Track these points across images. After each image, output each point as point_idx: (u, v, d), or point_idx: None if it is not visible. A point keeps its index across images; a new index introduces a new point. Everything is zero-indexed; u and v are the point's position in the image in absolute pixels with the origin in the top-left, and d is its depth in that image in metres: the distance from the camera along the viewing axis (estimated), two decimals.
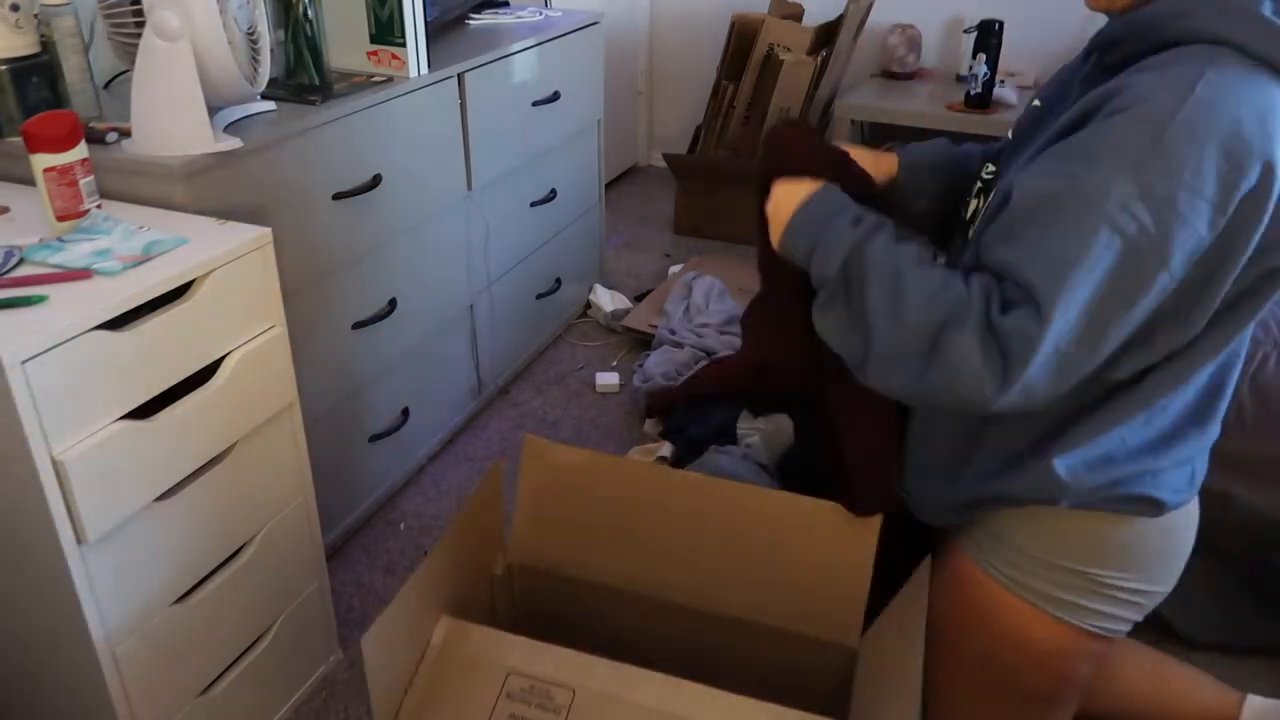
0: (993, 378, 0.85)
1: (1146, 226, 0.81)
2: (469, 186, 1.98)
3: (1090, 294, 0.83)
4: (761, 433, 1.88)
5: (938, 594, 1.15)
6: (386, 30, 1.72)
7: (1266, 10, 0.85)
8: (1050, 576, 1.03)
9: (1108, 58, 0.94)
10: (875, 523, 1.16)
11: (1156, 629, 1.57)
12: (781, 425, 1.88)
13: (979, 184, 1.09)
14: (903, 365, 0.89)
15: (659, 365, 2.28)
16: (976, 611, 1.10)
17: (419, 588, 1.07)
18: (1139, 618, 1.07)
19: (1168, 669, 1.35)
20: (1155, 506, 1.00)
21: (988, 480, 1.04)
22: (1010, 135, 1.09)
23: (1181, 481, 1.02)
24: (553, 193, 2.36)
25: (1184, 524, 1.05)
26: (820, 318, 0.97)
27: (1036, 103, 1.07)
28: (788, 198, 1.02)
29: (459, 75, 1.87)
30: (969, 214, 1.09)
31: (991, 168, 1.09)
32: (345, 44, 1.74)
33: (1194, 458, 1.03)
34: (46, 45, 1.37)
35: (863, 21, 3.15)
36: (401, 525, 1.90)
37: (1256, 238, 0.85)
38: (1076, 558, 1.02)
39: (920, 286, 0.89)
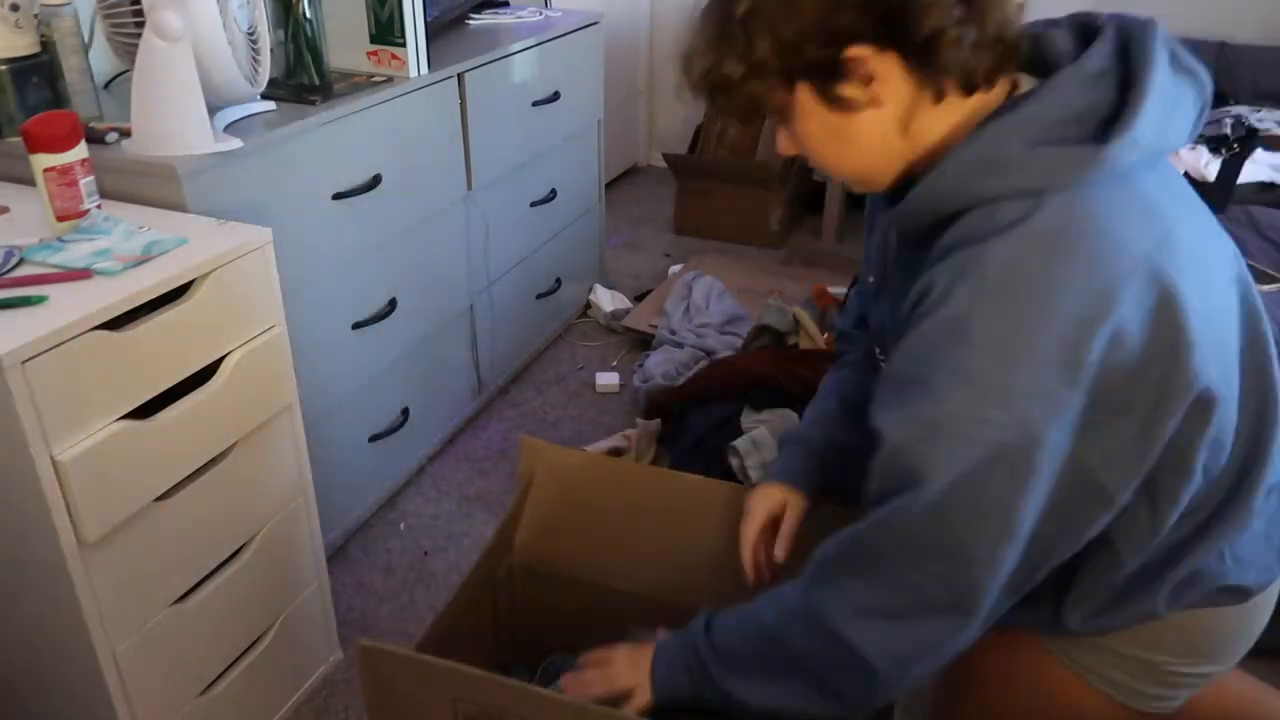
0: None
1: (1006, 426, 0.76)
2: (469, 186, 1.98)
3: (963, 511, 0.78)
4: (768, 424, 1.88)
5: (985, 669, 1.06)
6: (386, 30, 1.72)
7: (1014, 148, 0.78)
8: (1118, 664, 0.96)
9: (907, 237, 0.89)
10: None
11: None
12: (787, 418, 1.88)
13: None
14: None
15: (659, 365, 2.28)
16: (1025, 678, 1.02)
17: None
18: (1196, 692, 1.00)
19: (1266, 693, 1.22)
20: (1240, 594, 0.92)
21: (1078, 621, 0.95)
22: (869, 322, 1.05)
23: (1268, 559, 0.94)
24: (553, 193, 2.36)
25: (1264, 602, 0.96)
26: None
27: (871, 279, 1.01)
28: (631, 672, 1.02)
29: (459, 75, 1.87)
30: None
31: (879, 351, 1.03)
32: (345, 44, 1.74)
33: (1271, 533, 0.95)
34: (46, 45, 1.37)
35: None
36: (401, 525, 1.90)
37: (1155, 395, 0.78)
38: (1150, 650, 0.95)
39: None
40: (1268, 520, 0.94)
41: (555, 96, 2.26)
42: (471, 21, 2.27)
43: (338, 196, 1.59)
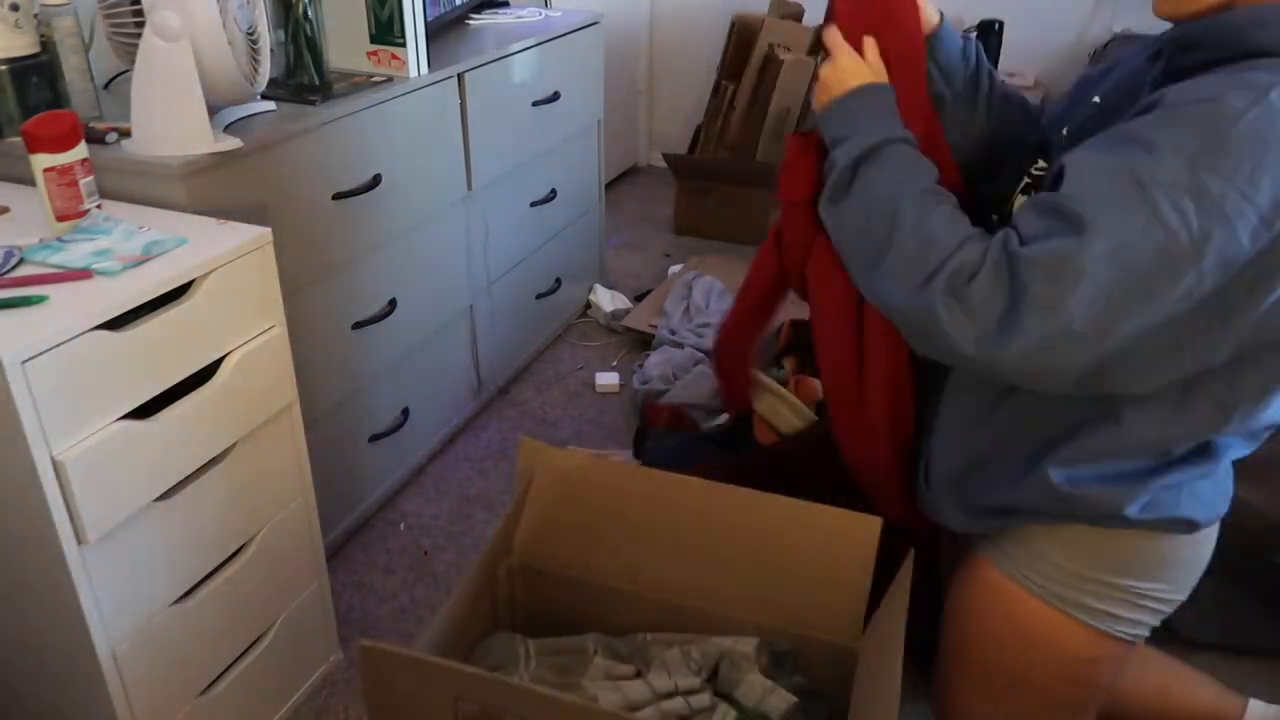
0: (995, 315, 0.83)
1: (1189, 221, 0.79)
2: (469, 186, 1.98)
3: (1114, 274, 0.80)
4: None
5: (962, 609, 1.14)
6: (386, 30, 1.72)
7: None
8: (1085, 587, 1.03)
9: (1179, 61, 0.91)
10: (875, 524, 1.16)
11: (1158, 629, 1.56)
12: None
13: (1026, 180, 1.07)
14: (903, 277, 0.90)
15: (659, 365, 2.28)
16: (1009, 622, 1.09)
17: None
18: (1158, 622, 1.08)
19: (1173, 671, 1.35)
20: (1190, 525, 1.00)
21: (1012, 487, 1.02)
22: (1065, 132, 1.05)
23: (1217, 497, 1.02)
24: (553, 193, 2.36)
25: (1210, 535, 1.05)
26: (829, 209, 1.00)
27: (1096, 99, 1.04)
28: (843, 76, 1.04)
29: (459, 75, 1.87)
30: (1011, 210, 1.06)
31: (1041, 164, 1.06)
32: (345, 44, 1.74)
33: (1230, 472, 1.03)
34: (46, 45, 1.37)
35: None
36: (401, 525, 1.90)
37: None
38: (1112, 571, 1.02)
39: (934, 210, 0.91)
40: (1225, 469, 1.03)
41: (555, 96, 2.26)
42: (471, 21, 2.27)
43: (338, 196, 1.59)
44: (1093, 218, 0.81)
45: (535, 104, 2.19)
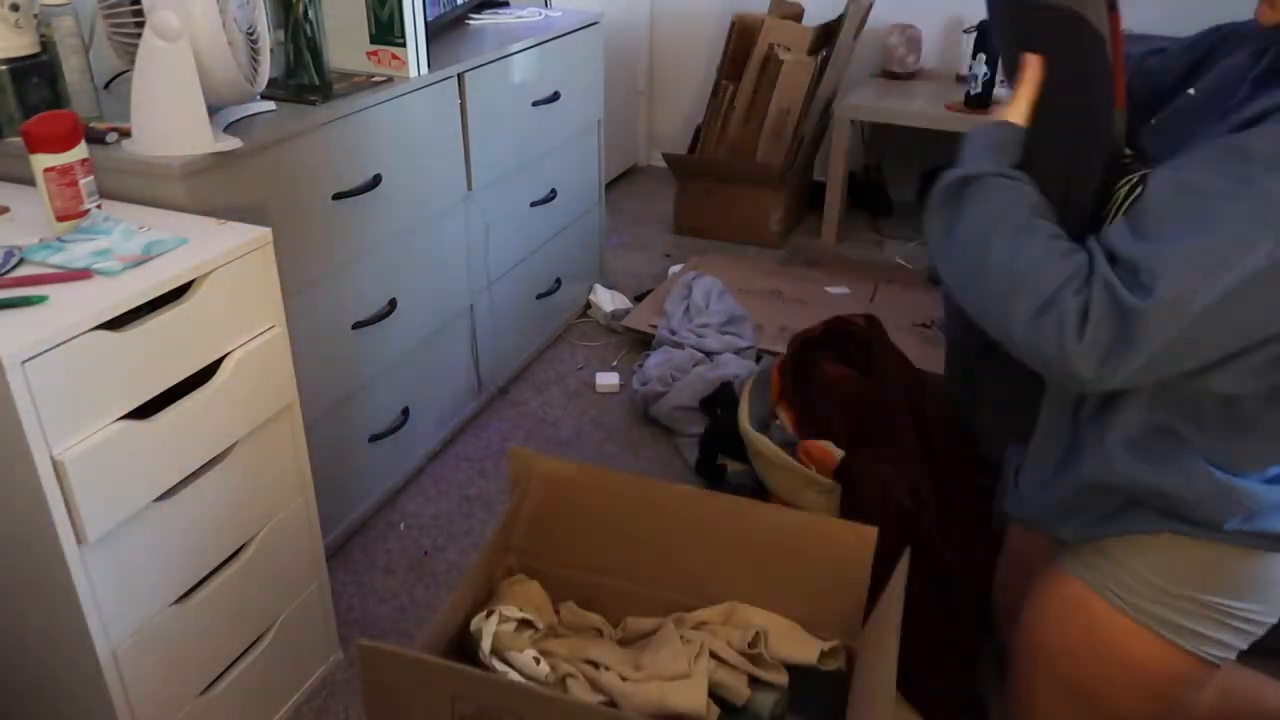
0: (1098, 350, 0.83)
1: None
2: (469, 186, 1.98)
3: (1224, 297, 0.80)
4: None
5: (1039, 620, 1.11)
6: (386, 30, 1.72)
7: None
8: (1174, 604, 1.00)
9: None
10: (871, 534, 1.16)
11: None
12: None
13: (1126, 171, 1.03)
14: (1012, 309, 0.89)
15: (658, 366, 2.28)
16: (1090, 637, 1.06)
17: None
18: (1245, 645, 1.04)
19: (1234, 673, 1.30)
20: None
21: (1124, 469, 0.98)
22: (1153, 121, 1.04)
23: None
24: (553, 193, 2.36)
25: None
26: (930, 218, 1.00)
27: (1191, 91, 1.03)
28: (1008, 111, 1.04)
29: (459, 75, 1.87)
30: (1112, 202, 1.04)
31: (1129, 151, 1.04)
32: (345, 44, 1.74)
33: None
34: (46, 45, 1.37)
35: (863, 21, 3.15)
36: (401, 525, 1.90)
37: None
38: (1201, 587, 0.99)
39: (1024, 247, 0.90)
40: None
41: (555, 96, 2.26)
42: (471, 21, 2.27)
43: (338, 196, 1.59)
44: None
45: (535, 104, 2.19)
